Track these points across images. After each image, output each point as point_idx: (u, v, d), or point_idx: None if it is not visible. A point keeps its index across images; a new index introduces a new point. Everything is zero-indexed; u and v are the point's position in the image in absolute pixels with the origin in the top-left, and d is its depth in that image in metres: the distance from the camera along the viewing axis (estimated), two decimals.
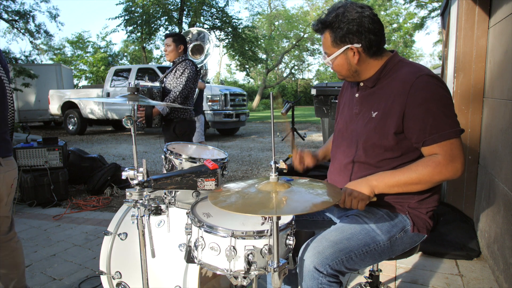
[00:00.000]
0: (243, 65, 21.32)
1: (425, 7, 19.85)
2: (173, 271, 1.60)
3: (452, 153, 1.26)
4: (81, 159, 4.83)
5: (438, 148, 1.27)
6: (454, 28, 3.00)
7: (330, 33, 1.36)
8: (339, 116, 1.63)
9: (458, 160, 1.27)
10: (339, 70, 1.43)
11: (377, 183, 1.33)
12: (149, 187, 1.33)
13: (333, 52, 1.38)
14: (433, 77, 1.30)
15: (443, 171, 1.26)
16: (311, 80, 37.00)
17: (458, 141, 1.28)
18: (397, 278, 2.36)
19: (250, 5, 47.52)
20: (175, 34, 3.43)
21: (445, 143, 1.26)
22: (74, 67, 25.72)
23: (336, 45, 1.37)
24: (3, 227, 1.81)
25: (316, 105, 5.37)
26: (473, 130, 2.85)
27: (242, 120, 10.47)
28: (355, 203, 1.32)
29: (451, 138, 1.26)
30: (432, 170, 1.27)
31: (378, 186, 1.33)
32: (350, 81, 1.49)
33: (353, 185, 1.35)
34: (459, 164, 1.27)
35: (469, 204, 2.93)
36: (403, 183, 1.30)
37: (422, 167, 1.28)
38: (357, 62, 1.37)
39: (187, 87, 3.28)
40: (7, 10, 14.51)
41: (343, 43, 1.35)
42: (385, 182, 1.32)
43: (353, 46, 1.35)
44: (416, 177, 1.28)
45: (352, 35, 1.33)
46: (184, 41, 3.46)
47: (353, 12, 1.32)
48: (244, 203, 1.05)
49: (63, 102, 11.45)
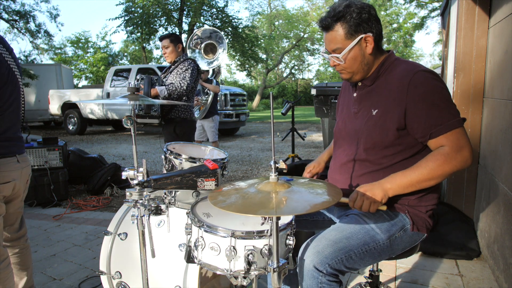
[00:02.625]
0: (243, 64, 21.32)
1: (425, 7, 19.86)
2: (173, 271, 1.60)
3: (458, 142, 1.27)
4: (81, 159, 4.84)
5: (445, 140, 1.28)
6: (454, 28, 3.00)
7: (343, 24, 1.35)
8: (338, 117, 1.65)
9: (466, 148, 1.28)
10: (351, 65, 1.40)
11: (390, 186, 1.31)
12: (149, 187, 1.33)
13: (346, 45, 1.36)
14: (429, 72, 1.33)
15: (453, 162, 1.27)
16: (311, 80, 37.01)
17: (463, 130, 1.29)
18: (397, 278, 2.36)
19: (250, 5, 47.50)
20: (171, 35, 3.39)
21: (451, 133, 1.28)
22: (74, 67, 25.73)
23: (350, 36, 1.36)
24: (16, 223, 1.85)
25: (316, 105, 5.37)
26: (473, 130, 2.85)
27: (242, 120, 10.47)
28: (366, 204, 1.29)
29: (457, 128, 1.28)
30: (442, 163, 1.27)
31: (392, 189, 1.31)
32: (356, 79, 1.46)
33: (366, 188, 1.33)
34: (467, 153, 1.28)
35: (469, 204, 2.93)
36: (416, 181, 1.30)
37: (432, 161, 1.28)
38: (372, 51, 1.38)
39: (191, 83, 3.26)
40: (7, 10, 14.51)
41: (357, 33, 1.35)
42: (398, 184, 1.31)
43: (367, 36, 1.36)
44: (427, 173, 1.28)
45: (365, 24, 1.35)
46: (181, 40, 3.43)
47: (358, 4, 1.35)
48: (244, 203, 1.05)
49: (63, 102, 11.46)
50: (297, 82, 37.22)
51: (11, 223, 1.82)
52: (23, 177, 1.76)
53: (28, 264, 1.93)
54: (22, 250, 1.89)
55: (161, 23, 17.63)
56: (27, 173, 1.79)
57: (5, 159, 1.63)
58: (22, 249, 1.90)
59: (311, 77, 38.12)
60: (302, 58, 32.33)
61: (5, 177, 1.63)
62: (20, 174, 1.73)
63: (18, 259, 1.88)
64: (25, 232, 1.92)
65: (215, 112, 5.59)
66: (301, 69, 34.59)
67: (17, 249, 1.87)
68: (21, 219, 1.89)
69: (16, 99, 1.71)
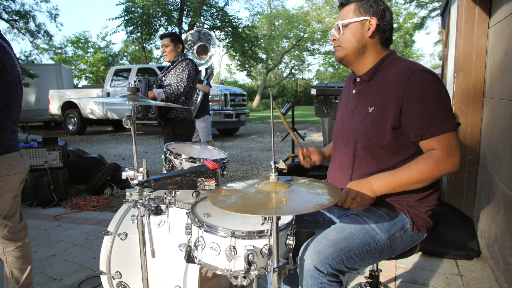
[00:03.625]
0: (243, 64, 21.32)
1: (425, 7, 19.85)
2: (173, 271, 1.60)
3: (449, 147, 1.28)
4: (81, 159, 4.83)
5: (436, 143, 1.29)
6: (454, 28, 3.00)
7: (357, 3, 1.42)
8: (337, 115, 1.66)
9: (456, 154, 1.28)
10: (347, 39, 1.43)
11: (379, 187, 1.33)
12: (149, 187, 1.33)
13: (351, 18, 1.42)
14: (428, 71, 1.33)
15: (443, 166, 1.27)
16: (311, 80, 37.01)
17: (455, 135, 1.30)
18: (397, 278, 2.36)
19: (250, 5, 47.47)
20: (172, 34, 3.40)
21: (443, 136, 1.28)
22: (74, 67, 25.73)
23: (358, 13, 1.41)
24: (17, 214, 1.93)
25: (316, 105, 5.37)
26: (473, 130, 2.85)
27: (242, 120, 10.47)
28: (354, 206, 1.33)
29: (449, 131, 1.28)
30: (432, 167, 1.27)
31: (380, 190, 1.33)
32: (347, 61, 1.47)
33: (356, 186, 1.34)
34: (456, 158, 1.28)
35: (469, 204, 2.93)
36: (405, 183, 1.31)
37: (422, 164, 1.29)
38: (371, 35, 1.41)
39: (188, 85, 3.26)
40: (7, 10, 14.51)
41: (366, 13, 1.41)
42: (387, 185, 1.32)
43: (371, 19, 1.40)
44: (417, 176, 1.29)
45: (376, 10, 1.40)
46: (182, 40, 3.43)
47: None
48: (244, 203, 1.05)
49: (63, 102, 11.45)
50: (297, 82, 37.21)
51: (12, 213, 1.90)
52: (24, 170, 1.89)
53: (29, 260, 1.99)
54: (24, 243, 1.95)
55: (161, 23, 17.62)
56: (27, 166, 1.93)
57: (14, 153, 1.80)
58: (24, 242, 1.96)
59: (311, 77, 38.18)
60: (302, 58, 32.33)
61: (14, 169, 1.79)
62: (23, 168, 1.86)
63: (21, 253, 1.93)
64: (25, 225, 2.00)
65: (206, 112, 5.60)
66: (301, 69, 34.61)
67: (19, 242, 1.93)
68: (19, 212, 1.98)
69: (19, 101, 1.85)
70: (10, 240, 1.89)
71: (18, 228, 1.93)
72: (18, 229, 1.93)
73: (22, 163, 1.86)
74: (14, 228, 1.90)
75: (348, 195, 1.33)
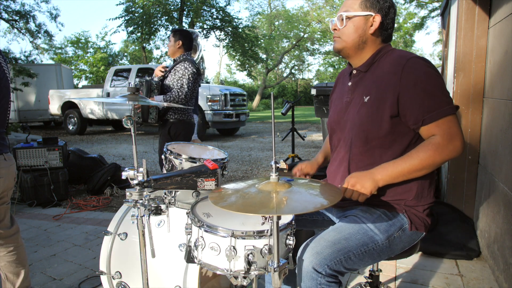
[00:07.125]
0: (243, 64, 21.33)
1: (425, 7, 19.86)
2: (173, 271, 1.60)
3: (450, 131, 1.27)
4: (81, 159, 4.84)
5: (437, 128, 1.28)
6: (454, 28, 3.00)
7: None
8: (331, 110, 1.65)
9: (457, 138, 1.28)
10: (348, 32, 1.43)
11: (381, 177, 1.32)
12: (149, 187, 1.33)
13: (356, 11, 1.41)
14: (422, 59, 1.34)
15: (444, 151, 1.27)
16: (311, 80, 37.00)
17: (455, 118, 1.29)
18: (397, 278, 2.36)
19: (250, 5, 47.50)
20: (176, 30, 3.41)
21: (443, 121, 1.27)
22: (74, 67, 25.73)
23: (364, 7, 1.40)
24: (6, 219, 1.89)
25: (316, 105, 5.37)
26: (473, 130, 2.85)
27: (242, 120, 10.47)
28: (355, 195, 1.32)
29: (449, 115, 1.28)
30: (433, 153, 1.27)
31: (382, 179, 1.32)
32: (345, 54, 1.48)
33: (358, 177, 1.34)
34: (458, 142, 1.28)
35: (469, 204, 2.93)
36: (407, 171, 1.30)
37: (423, 152, 1.28)
38: (373, 32, 1.41)
39: (189, 90, 3.25)
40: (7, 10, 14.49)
41: (371, 8, 1.40)
42: (389, 174, 1.32)
43: (376, 16, 1.40)
44: (418, 163, 1.29)
45: (382, 7, 1.40)
46: (184, 37, 3.39)
47: None
48: (245, 203, 1.05)
49: (63, 102, 11.46)
50: (297, 82, 37.21)
51: (0, 219, 1.86)
52: (9, 175, 1.85)
53: (24, 263, 1.95)
54: (16, 247, 1.92)
55: (161, 23, 17.63)
56: (13, 170, 1.88)
57: None
58: (17, 246, 1.93)
59: (311, 77, 38.17)
60: (302, 58, 32.34)
61: None
62: (8, 172, 1.82)
63: (14, 256, 1.91)
64: (17, 229, 1.96)
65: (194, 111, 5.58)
66: (301, 69, 34.62)
67: (11, 246, 1.90)
68: (10, 216, 1.94)
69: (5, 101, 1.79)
70: (0, 245, 1.87)
71: (8, 234, 1.89)
72: (8, 234, 1.89)
73: (5, 167, 1.79)
74: (4, 234, 1.87)
75: (348, 184, 1.33)
